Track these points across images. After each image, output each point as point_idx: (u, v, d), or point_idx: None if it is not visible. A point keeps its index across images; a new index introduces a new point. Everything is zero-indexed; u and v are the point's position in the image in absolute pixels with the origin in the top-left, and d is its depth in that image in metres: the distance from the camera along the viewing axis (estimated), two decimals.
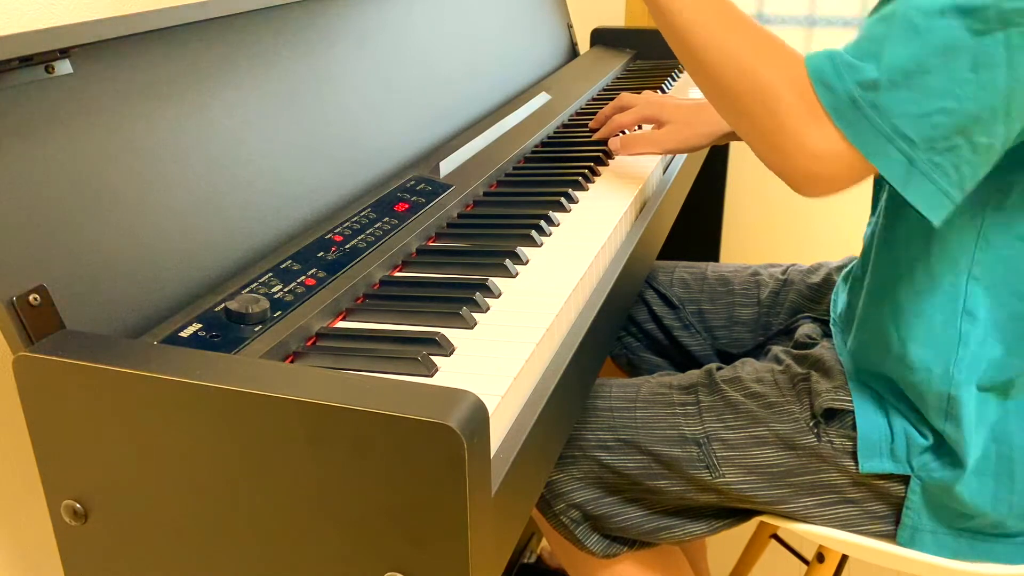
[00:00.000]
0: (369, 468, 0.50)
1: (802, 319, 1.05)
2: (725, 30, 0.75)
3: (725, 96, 0.76)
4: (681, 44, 0.78)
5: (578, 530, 0.92)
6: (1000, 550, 0.83)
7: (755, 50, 0.73)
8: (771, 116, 0.71)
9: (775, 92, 0.71)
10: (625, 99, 1.15)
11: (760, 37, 0.74)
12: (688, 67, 0.80)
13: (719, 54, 0.75)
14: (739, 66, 0.73)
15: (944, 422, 0.79)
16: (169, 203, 0.72)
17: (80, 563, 0.61)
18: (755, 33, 0.75)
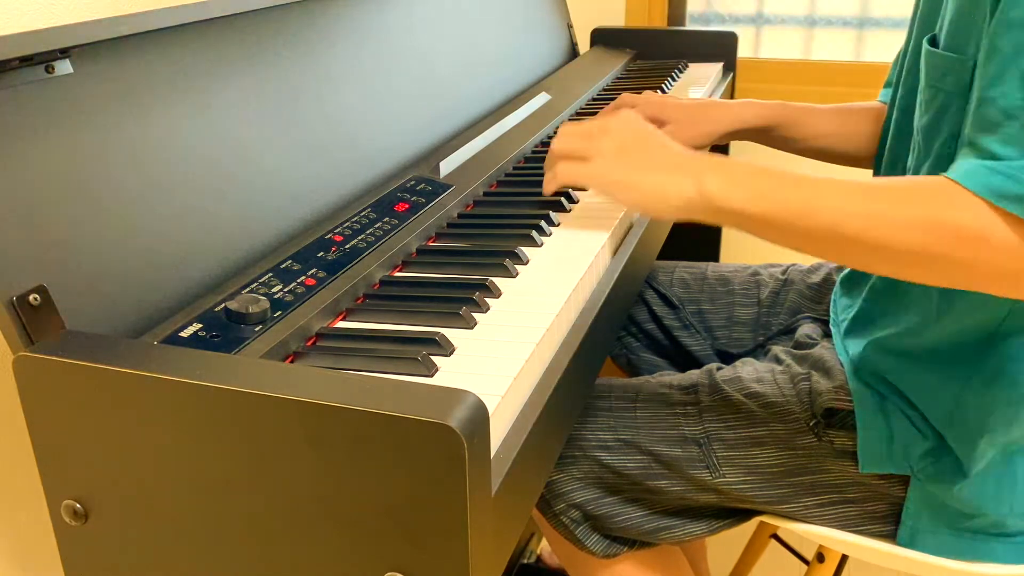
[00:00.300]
0: (369, 468, 0.50)
1: (802, 319, 1.05)
2: (873, 212, 0.67)
3: (916, 277, 0.69)
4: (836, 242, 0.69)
5: (578, 530, 0.92)
6: (1000, 550, 0.83)
7: (914, 221, 0.65)
8: (972, 269, 0.65)
9: (962, 256, 0.64)
10: (626, 99, 1.15)
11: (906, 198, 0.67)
12: (849, 261, 0.72)
13: (882, 242, 0.66)
14: (910, 246, 0.66)
15: (950, 423, 0.79)
16: (169, 203, 0.72)
17: (80, 563, 0.61)
18: (899, 198, 0.67)
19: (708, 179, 0.73)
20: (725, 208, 0.73)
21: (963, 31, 0.73)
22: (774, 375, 0.90)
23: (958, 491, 0.80)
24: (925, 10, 0.85)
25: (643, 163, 0.78)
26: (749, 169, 0.74)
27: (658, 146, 0.79)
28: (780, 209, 0.70)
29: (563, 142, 0.84)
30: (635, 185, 0.77)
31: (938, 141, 0.78)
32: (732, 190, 0.72)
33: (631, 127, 0.81)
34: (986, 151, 0.65)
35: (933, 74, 0.78)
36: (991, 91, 0.65)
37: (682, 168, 0.76)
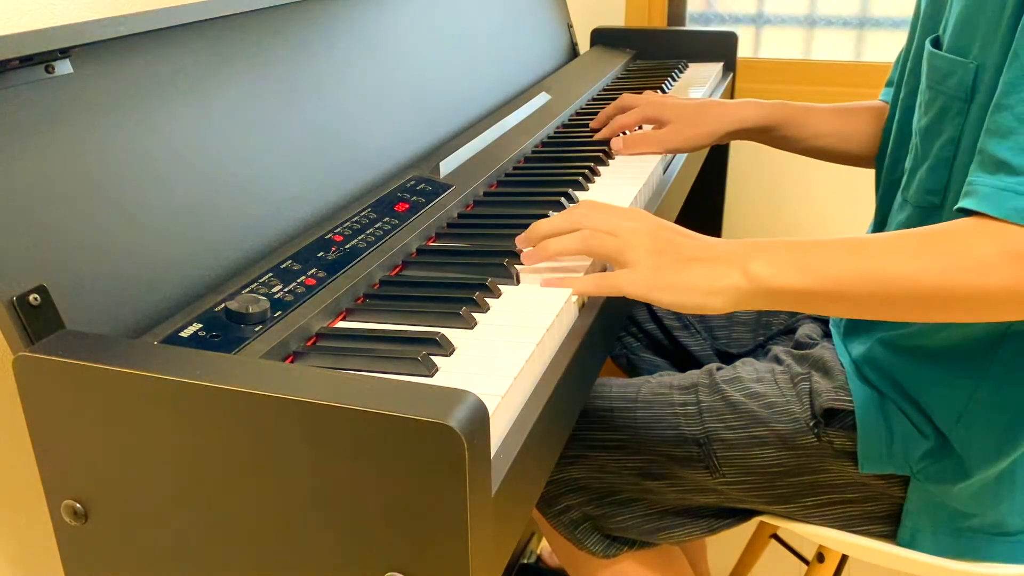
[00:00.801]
0: (369, 468, 0.50)
1: (802, 319, 1.05)
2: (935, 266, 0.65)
3: (970, 318, 0.68)
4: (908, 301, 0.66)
5: (578, 530, 0.92)
6: (1000, 549, 0.83)
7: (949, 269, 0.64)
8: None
9: (1012, 285, 0.63)
10: (627, 100, 1.15)
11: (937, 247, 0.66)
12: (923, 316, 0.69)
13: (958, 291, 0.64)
14: (958, 292, 0.64)
15: (955, 424, 0.79)
16: (169, 203, 0.72)
17: (80, 563, 0.61)
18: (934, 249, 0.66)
19: (754, 264, 0.68)
20: (777, 289, 0.68)
21: (967, 34, 0.73)
22: (774, 375, 0.90)
23: (958, 491, 0.80)
24: (928, 11, 0.85)
25: (684, 259, 0.71)
26: (790, 244, 0.70)
27: (691, 238, 0.73)
28: (837, 278, 0.67)
29: (595, 240, 0.74)
30: (683, 286, 0.69)
31: (937, 143, 0.78)
32: (781, 270, 0.68)
33: (656, 223, 0.74)
34: (994, 159, 0.65)
35: (934, 76, 0.78)
36: (1008, 98, 0.65)
37: (721, 258, 0.70)
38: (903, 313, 0.68)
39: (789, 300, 0.69)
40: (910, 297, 0.65)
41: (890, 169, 0.92)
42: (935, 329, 0.80)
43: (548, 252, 0.76)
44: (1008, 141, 0.64)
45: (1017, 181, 0.63)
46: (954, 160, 0.76)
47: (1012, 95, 0.65)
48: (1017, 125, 0.64)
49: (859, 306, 0.68)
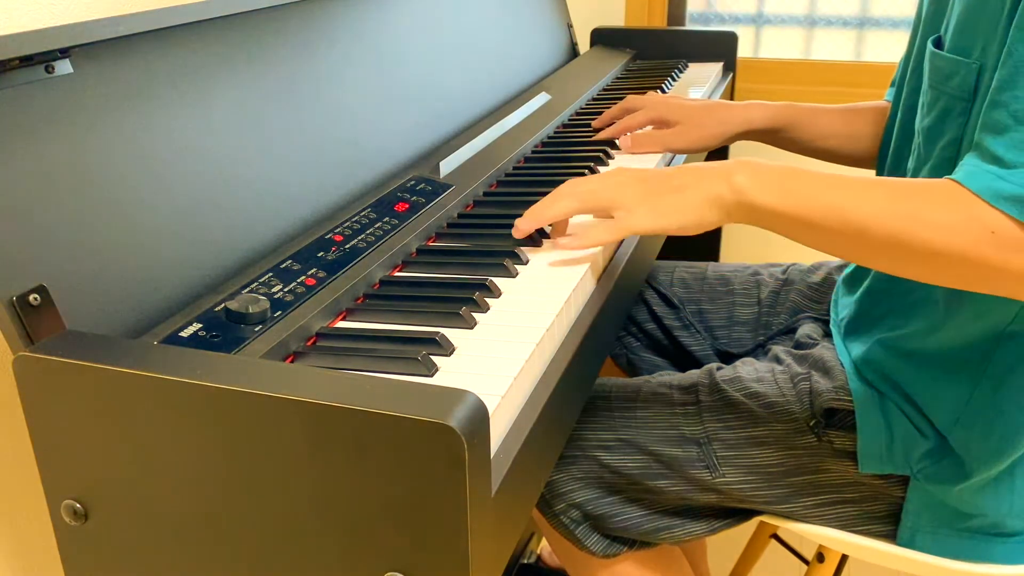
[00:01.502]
0: (369, 468, 0.50)
1: (802, 319, 1.05)
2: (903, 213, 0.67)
3: (923, 276, 0.70)
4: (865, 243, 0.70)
5: (578, 530, 0.92)
6: (999, 550, 0.83)
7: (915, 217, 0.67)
8: (978, 269, 0.66)
9: (966, 252, 0.65)
10: (632, 101, 1.15)
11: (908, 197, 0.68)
12: (877, 263, 0.73)
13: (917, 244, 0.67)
14: (914, 243, 0.67)
15: (954, 425, 0.79)
16: (169, 203, 0.72)
17: (80, 563, 0.61)
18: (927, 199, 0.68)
19: (737, 177, 0.74)
20: (758, 204, 0.73)
21: (969, 34, 0.73)
22: (774, 375, 0.90)
23: (958, 492, 0.80)
24: (930, 11, 0.85)
25: (674, 187, 0.76)
26: (777, 168, 0.74)
27: (674, 170, 0.78)
28: (812, 207, 0.71)
29: (591, 197, 0.79)
30: (680, 208, 0.75)
31: (940, 144, 0.78)
32: (763, 187, 0.73)
33: (636, 171, 0.79)
34: (990, 154, 0.66)
35: (936, 76, 0.78)
36: (1002, 95, 0.66)
37: (708, 175, 0.75)
38: (863, 256, 0.72)
39: (766, 219, 0.73)
40: (871, 240, 0.69)
41: (892, 169, 0.92)
42: (932, 331, 0.80)
43: (544, 216, 0.81)
44: (1003, 138, 0.65)
45: (1007, 173, 0.64)
46: (956, 160, 0.76)
47: (1006, 92, 0.65)
48: (1012, 123, 0.65)
49: (825, 239, 0.72)
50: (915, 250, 0.67)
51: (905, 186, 0.69)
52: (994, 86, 0.67)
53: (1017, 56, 0.65)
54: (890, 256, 0.69)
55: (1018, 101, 0.64)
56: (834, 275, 1.07)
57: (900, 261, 0.69)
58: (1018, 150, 0.64)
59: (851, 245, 0.71)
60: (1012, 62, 0.65)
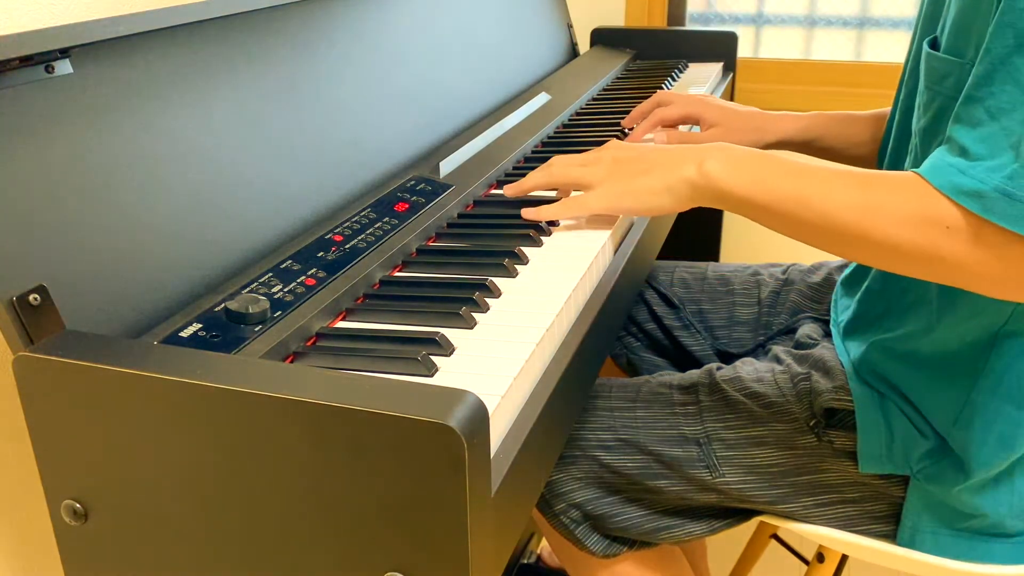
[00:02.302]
0: (369, 468, 0.50)
1: (803, 319, 1.05)
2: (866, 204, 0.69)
3: (886, 266, 0.72)
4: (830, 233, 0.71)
5: (578, 530, 0.92)
6: (999, 550, 0.83)
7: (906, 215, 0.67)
8: (934, 262, 0.67)
9: (922, 246, 0.67)
10: (664, 95, 1.15)
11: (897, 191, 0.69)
12: (845, 253, 0.74)
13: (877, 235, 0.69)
14: (875, 235, 0.69)
15: (953, 426, 0.79)
16: (169, 203, 0.72)
17: (80, 563, 0.61)
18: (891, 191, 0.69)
19: (709, 162, 0.76)
20: (726, 191, 0.75)
21: (964, 35, 0.73)
22: (774, 375, 0.90)
23: (958, 492, 0.80)
24: (928, 12, 0.85)
25: (643, 168, 0.79)
26: (749, 154, 0.76)
27: (652, 150, 0.80)
28: (778, 195, 0.73)
29: (560, 171, 0.85)
30: (639, 189, 0.79)
31: (935, 144, 0.78)
32: (732, 174, 0.75)
33: (620, 145, 0.84)
34: (958, 146, 0.67)
35: (932, 77, 0.78)
36: (979, 91, 0.66)
37: (682, 157, 0.78)
38: (828, 244, 0.73)
39: (733, 204, 0.75)
40: (834, 230, 0.71)
41: (890, 169, 0.92)
42: (927, 332, 0.80)
43: (524, 187, 0.89)
44: (975, 132, 0.66)
45: (968, 164, 0.65)
46: None
47: (983, 88, 0.66)
48: (986, 118, 0.65)
49: (790, 226, 0.74)
50: (876, 242, 0.69)
51: (871, 178, 0.71)
52: (971, 82, 0.67)
53: (995, 53, 0.65)
54: (853, 246, 0.71)
55: (993, 97, 0.65)
56: (834, 275, 1.07)
57: (863, 252, 0.71)
58: (985, 144, 0.65)
59: (816, 234, 0.73)
60: (989, 59, 0.66)
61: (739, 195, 0.74)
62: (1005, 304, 0.75)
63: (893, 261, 0.70)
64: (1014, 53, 0.64)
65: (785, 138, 1.09)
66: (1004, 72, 0.64)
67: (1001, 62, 0.64)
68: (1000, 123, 0.64)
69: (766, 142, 1.09)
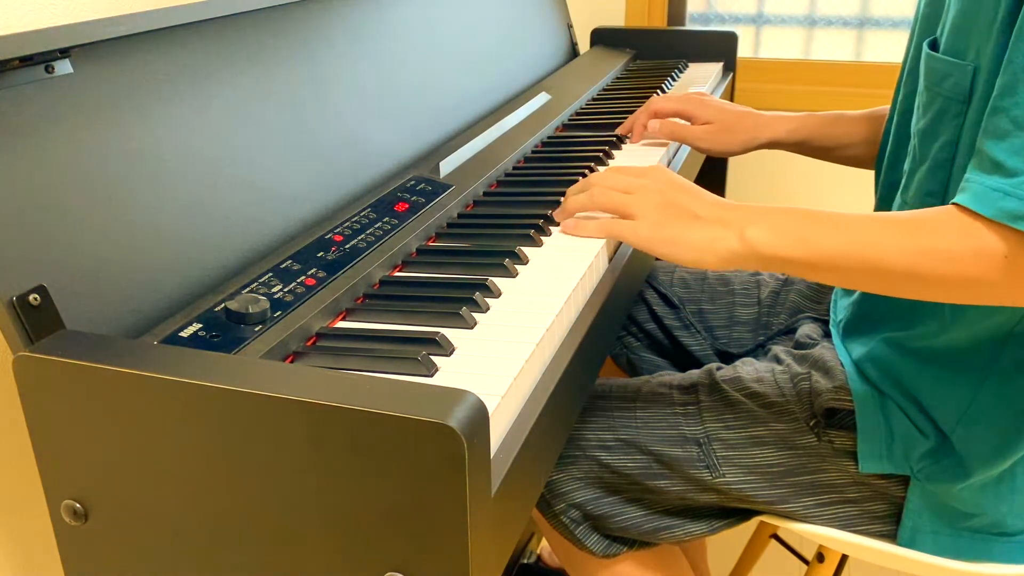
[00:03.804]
0: (369, 468, 0.50)
1: (803, 319, 1.05)
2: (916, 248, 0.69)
3: (966, 300, 0.72)
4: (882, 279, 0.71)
5: (578, 530, 0.92)
6: (1000, 549, 0.83)
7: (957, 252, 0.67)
8: (992, 289, 0.68)
9: (979, 278, 0.67)
10: (655, 103, 1.15)
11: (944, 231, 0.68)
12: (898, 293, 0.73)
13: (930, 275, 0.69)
14: (928, 276, 0.69)
15: (957, 424, 0.79)
16: (169, 203, 0.72)
17: (80, 563, 0.61)
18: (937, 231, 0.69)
19: (751, 230, 0.74)
20: (769, 256, 0.74)
21: (964, 36, 0.73)
22: (774, 375, 0.90)
23: (958, 491, 0.80)
24: (927, 12, 0.85)
25: (686, 219, 0.77)
26: (789, 215, 0.75)
27: (697, 200, 0.79)
28: (822, 252, 0.72)
29: (603, 196, 0.82)
30: (682, 241, 0.77)
31: (935, 145, 0.78)
32: (775, 239, 0.74)
33: (668, 181, 0.81)
34: (991, 160, 0.66)
35: (932, 78, 0.78)
36: (1003, 101, 0.66)
37: (723, 221, 0.76)
38: (880, 287, 0.73)
39: (777, 265, 0.75)
40: (884, 275, 0.70)
41: (889, 171, 0.92)
42: (941, 331, 0.80)
43: (567, 208, 0.86)
44: (1004, 143, 0.66)
45: (1010, 183, 0.65)
46: (953, 162, 0.77)
47: (1007, 98, 0.66)
48: (1012, 128, 0.65)
49: (840, 277, 0.74)
50: (929, 281, 0.69)
51: (913, 221, 0.70)
52: (995, 92, 0.67)
53: (1017, 64, 0.65)
54: (905, 289, 0.71)
55: (1018, 107, 0.65)
56: None
57: (916, 291, 0.71)
58: (1019, 156, 0.65)
59: (867, 283, 0.73)
60: (1012, 69, 0.66)
61: (784, 257, 0.74)
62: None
63: (950, 294, 0.70)
64: None
65: (777, 138, 1.09)
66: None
67: (1023, 71, 0.65)
68: None
69: (759, 142, 1.09)
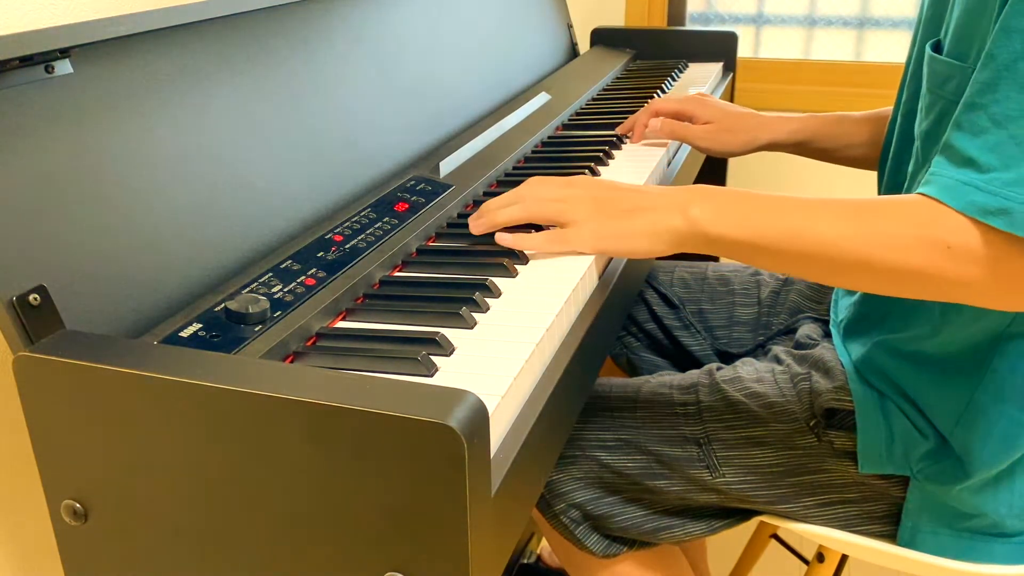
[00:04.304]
0: (369, 468, 0.50)
1: (803, 319, 1.05)
2: (863, 233, 0.67)
3: (913, 294, 0.69)
4: (828, 265, 0.70)
5: (578, 530, 0.92)
6: (999, 550, 0.83)
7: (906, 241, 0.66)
8: (938, 283, 0.66)
9: (924, 268, 0.66)
10: (656, 104, 1.15)
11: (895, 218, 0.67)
12: (843, 282, 0.72)
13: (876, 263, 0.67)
14: (903, 265, 0.67)
15: (955, 426, 0.79)
16: (169, 203, 0.72)
17: (80, 563, 0.61)
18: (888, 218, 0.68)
19: (694, 208, 0.73)
20: (713, 235, 0.72)
21: (967, 38, 0.73)
22: (774, 375, 0.90)
23: (958, 492, 0.80)
24: (930, 14, 0.85)
25: (624, 210, 0.76)
26: (734, 195, 0.73)
27: (632, 190, 0.77)
28: (769, 233, 0.70)
29: (538, 207, 0.79)
30: (628, 233, 0.75)
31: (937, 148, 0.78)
32: (719, 217, 0.72)
33: (596, 184, 0.79)
34: (963, 155, 0.65)
35: (934, 80, 0.77)
36: (982, 97, 0.65)
37: (665, 203, 0.74)
38: (824, 277, 0.71)
39: (723, 247, 0.73)
40: (833, 262, 0.69)
41: (892, 173, 0.92)
42: (932, 333, 0.80)
43: (496, 221, 0.81)
44: (979, 140, 0.65)
45: (983, 179, 0.64)
46: None
47: (987, 95, 0.65)
48: (991, 125, 0.64)
49: (782, 263, 0.72)
50: (878, 271, 0.68)
51: (863, 205, 0.69)
52: (973, 88, 0.66)
53: (1000, 59, 0.64)
54: (853, 276, 0.70)
55: (998, 104, 0.64)
56: None
57: (863, 281, 0.70)
58: (996, 154, 0.64)
59: (810, 268, 0.71)
60: (994, 65, 0.65)
61: (729, 238, 0.72)
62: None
63: (898, 286, 0.68)
64: (1021, 59, 0.63)
65: (778, 139, 1.09)
66: (1010, 78, 0.63)
67: (1007, 68, 0.63)
68: (1008, 131, 0.63)
69: (759, 143, 1.09)
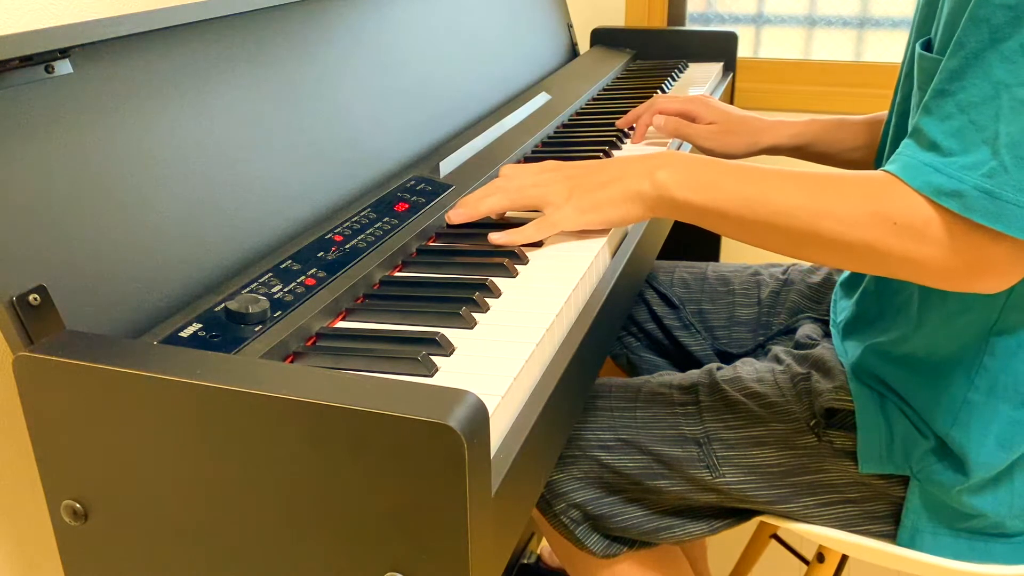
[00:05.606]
0: (369, 468, 0.50)
1: (803, 319, 1.05)
2: (820, 206, 0.69)
3: (865, 269, 0.71)
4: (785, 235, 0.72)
5: (578, 530, 0.92)
6: (999, 550, 0.83)
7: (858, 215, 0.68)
8: (886, 259, 0.68)
9: (873, 244, 0.68)
10: (659, 101, 1.15)
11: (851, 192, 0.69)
12: (800, 253, 0.74)
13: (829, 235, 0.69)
14: (855, 239, 0.68)
15: (951, 427, 0.79)
16: (169, 203, 0.72)
17: (80, 563, 0.61)
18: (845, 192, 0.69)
19: (660, 172, 0.76)
20: (680, 199, 0.75)
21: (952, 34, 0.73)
22: (774, 375, 0.90)
23: (958, 492, 0.80)
24: (923, 14, 0.85)
25: (599, 182, 0.80)
26: (702, 162, 0.76)
27: (602, 164, 0.81)
28: (732, 200, 0.73)
29: (521, 195, 0.83)
30: (603, 203, 0.79)
31: None
32: (684, 182, 0.75)
33: (566, 166, 0.83)
34: (928, 140, 0.67)
35: (924, 78, 0.78)
36: (951, 84, 0.66)
37: (634, 169, 0.78)
38: (783, 246, 0.73)
39: (689, 212, 0.76)
40: (786, 232, 0.71)
41: None
42: (913, 332, 0.80)
43: (478, 210, 0.84)
44: (944, 124, 0.66)
45: (943, 162, 0.65)
46: None
47: (955, 82, 0.66)
48: (956, 112, 0.65)
49: (744, 231, 0.74)
50: (827, 242, 0.70)
51: (822, 178, 0.71)
52: (942, 76, 0.67)
53: (968, 48, 0.65)
54: (805, 247, 0.72)
55: (965, 91, 0.65)
56: (834, 276, 1.07)
57: (815, 252, 0.72)
58: (957, 139, 0.65)
59: (769, 237, 0.73)
60: (963, 53, 0.65)
61: (693, 203, 0.75)
62: (993, 301, 0.75)
63: (850, 260, 0.70)
64: (988, 48, 0.64)
65: (779, 143, 1.10)
66: (977, 67, 0.64)
67: (975, 56, 0.64)
68: (969, 116, 0.64)
69: (761, 146, 1.10)
